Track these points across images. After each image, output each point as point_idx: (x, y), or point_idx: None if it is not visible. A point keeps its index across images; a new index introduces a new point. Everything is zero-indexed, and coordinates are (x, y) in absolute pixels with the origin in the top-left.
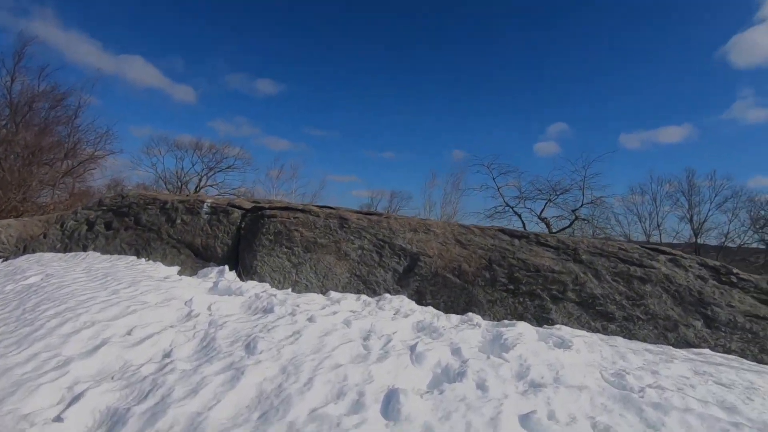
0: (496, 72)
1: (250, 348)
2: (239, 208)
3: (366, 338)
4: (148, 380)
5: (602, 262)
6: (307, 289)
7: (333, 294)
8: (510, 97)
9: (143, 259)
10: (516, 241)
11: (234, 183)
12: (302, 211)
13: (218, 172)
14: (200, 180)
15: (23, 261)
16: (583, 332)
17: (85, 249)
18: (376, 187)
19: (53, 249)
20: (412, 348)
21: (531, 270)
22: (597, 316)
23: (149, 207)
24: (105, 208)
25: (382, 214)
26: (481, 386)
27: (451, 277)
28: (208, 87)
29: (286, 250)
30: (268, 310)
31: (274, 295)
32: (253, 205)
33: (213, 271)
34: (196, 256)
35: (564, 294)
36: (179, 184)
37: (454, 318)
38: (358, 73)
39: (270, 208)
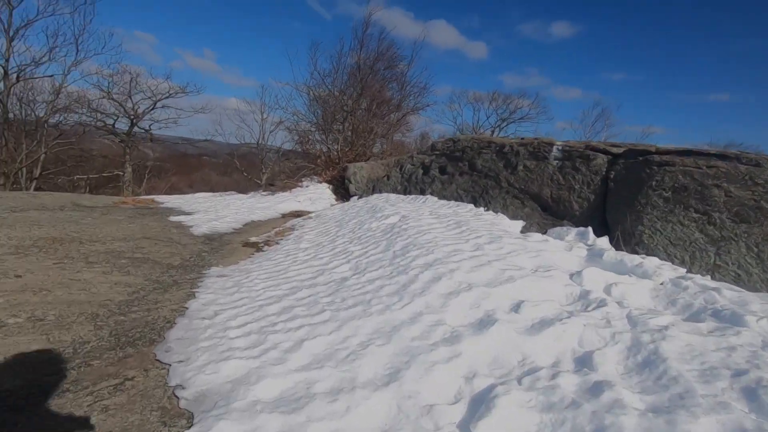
0: None
1: None
2: (604, 152)
3: None
4: (582, 411)
5: None
6: (738, 280)
7: None
8: None
9: (482, 208)
10: None
11: (526, 133)
12: (723, 158)
13: (511, 123)
14: (492, 132)
15: (375, 199)
16: None
17: (422, 192)
18: (695, 139)
19: (395, 190)
20: None
21: None
22: None
23: (484, 151)
24: (438, 152)
25: None
26: None
27: None
28: (499, 41)
29: (696, 215)
30: (724, 321)
31: (715, 291)
32: (628, 148)
33: (570, 233)
34: (543, 211)
35: None
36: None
37: None
38: None
39: (661, 153)
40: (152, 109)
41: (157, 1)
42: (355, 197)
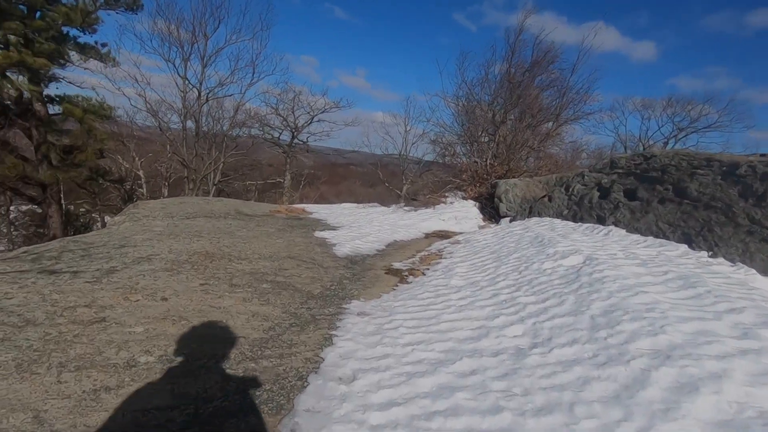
0: None
1: None
2: None
3: None
4: None
5: None
6: None
7: None
8: None
9: (704, 252)
10: None
11: (711, 146)
12: None
13: (691, 132)
14: (666, 143)
15: (537, 226)
16: None
17: (600, 221)
18: None
19: (559, 215)
20: None
21: None
22: None
23: (699, 172)
24: (621, 171)
25: None
26: None
27: None
28: (672, 39)
29: None
30: None
31: None
32: None
33: None
34: None
35: None
36: (642, 148)
37: None
38: None
39: None
40: (310, 122)
41: (321, 28)
42: (507, 218)
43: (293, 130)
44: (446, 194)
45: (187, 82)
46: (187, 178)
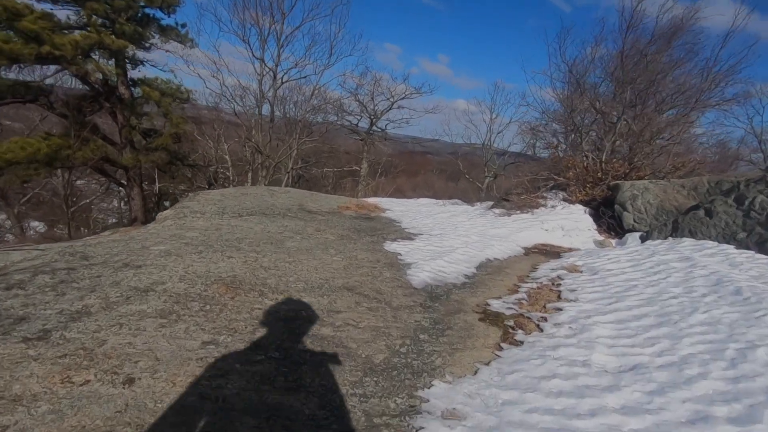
0: None
1: None
2: None
3: None
4: None
5: None
6: None
7: None
8: None
9: None
10: None
11: None
12: None
13: None
14: None
15: (699, 254)
16: None
17: None
18: None
19: (731, 238)
20: None
21: None
22: None
23: None
24: None
25: None
26: None
27: None
28: None
29: None
30: None
31: None
32: None
33: None
34: None
35: None
36: None
37: None
38: None
39: None
40: (389, 109)
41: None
42: (636, 234)
43: (372, 117)
44: (545, 194)
45: (263, 64)
46: (261, 165)
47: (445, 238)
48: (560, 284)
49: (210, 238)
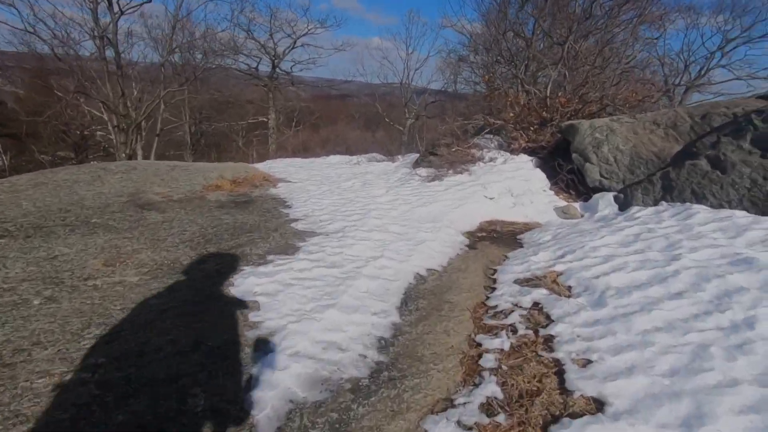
0: None
1: None
2: None
3: None
4: None
5: None
6: None
7: None
8: None
9: None
10: None
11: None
12: None
13: (743, 44)
14: (709, 58)
15: (743, 242)
16: None
17: None
18: None
19: (760, 203)
20: None
21: None
22: None
23: None
24: None
25: None
26: None
27: None
28: None
29: None
30: None
31: None
32: None
33: None
34: None
35: None
36: (684, 66)
37: None
38: None
39: None
40: (292, 47)
41: None
42: (609, 196)
43: (273, 58)
44: (479, 143)
45: None
46: (117, 128)
47: (350, 238)
48: (550, 334)
49: None
